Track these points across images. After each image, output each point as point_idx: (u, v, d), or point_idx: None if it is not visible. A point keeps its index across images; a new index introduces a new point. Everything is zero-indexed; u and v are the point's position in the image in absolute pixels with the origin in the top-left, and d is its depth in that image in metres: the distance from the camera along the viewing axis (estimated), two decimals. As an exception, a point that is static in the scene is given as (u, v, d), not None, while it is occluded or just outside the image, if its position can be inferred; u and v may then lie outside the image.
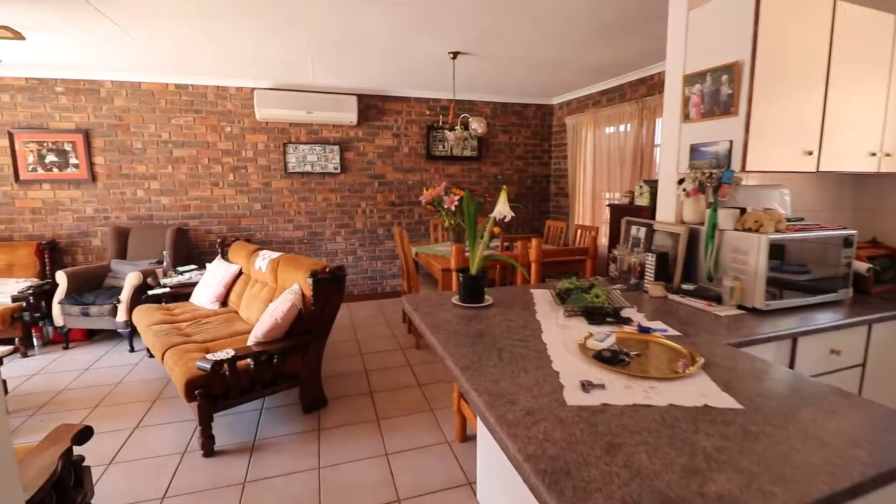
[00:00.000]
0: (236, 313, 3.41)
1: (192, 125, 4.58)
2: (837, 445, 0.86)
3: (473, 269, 1.75)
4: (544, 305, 1.75)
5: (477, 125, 3.92)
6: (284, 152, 4.87)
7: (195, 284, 3.80)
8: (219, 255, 4.08)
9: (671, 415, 0.95)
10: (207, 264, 3.95)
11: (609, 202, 4.60)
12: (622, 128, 4.46)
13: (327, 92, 4.81)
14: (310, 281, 2.64)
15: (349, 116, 4.83)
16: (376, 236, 5.36)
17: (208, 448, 2.35)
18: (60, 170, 4.29)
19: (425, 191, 3.52)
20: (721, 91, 1.80)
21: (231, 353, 2.35)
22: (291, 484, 2.14)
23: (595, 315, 1.55)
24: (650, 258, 1.98)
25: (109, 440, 2.49)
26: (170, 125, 4.52)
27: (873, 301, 1.86)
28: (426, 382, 3.17)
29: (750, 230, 1.74)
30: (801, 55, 1.78)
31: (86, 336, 4.06)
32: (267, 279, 3.25)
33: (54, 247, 4.31)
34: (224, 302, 3.65)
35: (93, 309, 3.74)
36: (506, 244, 3.67)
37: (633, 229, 2.26)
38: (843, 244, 1.86)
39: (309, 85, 4.77)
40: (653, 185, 3.20)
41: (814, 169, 1.90)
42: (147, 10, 2.70)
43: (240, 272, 3.72)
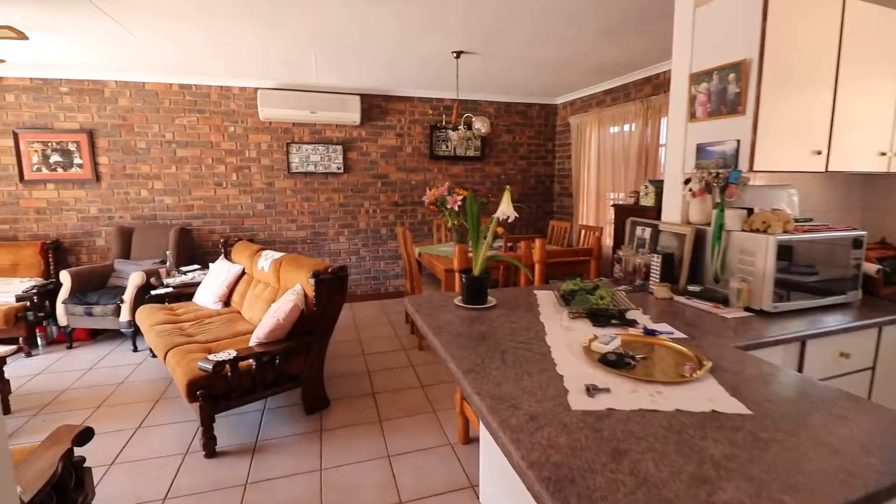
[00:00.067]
0: (239, 313, 3.41)
1: (196, 125, 4.59)
2: (850, 452, 0.84)
3: (476, 270, 1.73)
4: (548, 307, 1.73)
5: (480, 125, 3.90)
6: (288, 152, 4.87)
7: (198, 284, 3.80)
8: (222, 255, 4.08)
9: (678, 420, 0.93)
10: (210, 264, 3.95)
11: (613, 202, 4.58)
12: (627, 127, 4.43)
13: (331, 92, 4.80)
14: (312, 281, 2.63)
15: (352, 116, 4.82)
16: (379, 236, 5.35)
17: (210, 449, 2.35)
18: (65, 170, 4.30)
19: (428, 191, 3.51)
20: (728, 90, 1.77)
21: (233, 354, 2.34)
22: (293, 485, 2.12)
23: (600, 317, 1.53)
24: (655, 259, 1.96)
25: (112, 440, 2.49)
26: (173, 125, 4.53)
27: (883, 303, 1.83)
28: (429, 383, 3.15)
29: (757, 231, 1.72)
30: (810, 53, 1.76)
31: (89, 336, 4.07)
32: (269, 279, 3.25)
33: (58, 246, 4.32)
34: (227, 302, 3.65)
35: (96, 309, 3.75)
36: (509, 244, 3.65)
37: (638, 230, 2.24)
38: (853, 245, 1.83)
39: (312, 85, 4.77)
40: (658, 186, 3.18)
41: (822, 169, 1.87)
42: (149, 9, 2.70)
43: (242, 272, 3.72)
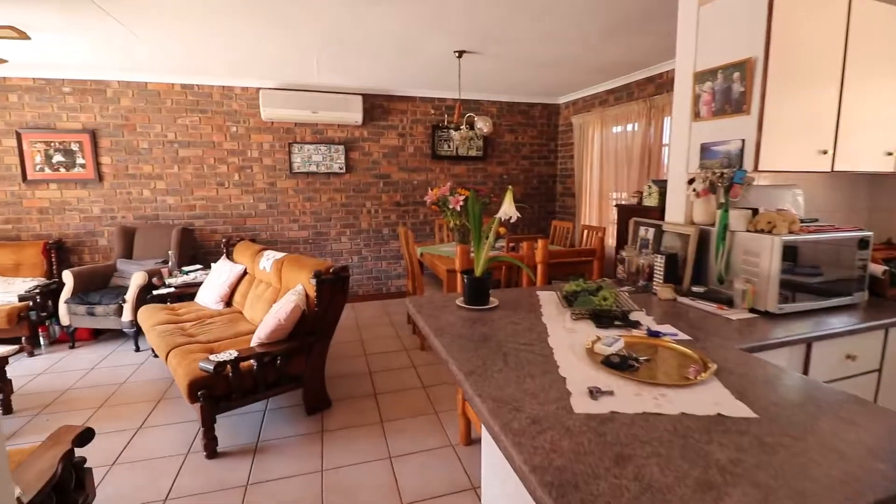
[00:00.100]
0: (241, 313, 3.41)
1: (198, 125, 4.59)
2: (858, 458, 0.82)
3: (478, 271, 1.72)
4: (550, 308, 1.71)
5: (482, 124, 3.89)
6: (289, 152, 4.87)
7: (200, 284, 3.80)
8: (224, 256, 4.08)
9: (683, 424, 0.91)
10: (212, 264, 3.95)
11: (616, 202, 4.55)
12: (630, 127, 4.41)
13: (332, 92, 4.79)
14: (313, 281, 2.62)
15: (354, 116, 4.81)
16: (381, 236, 5.34)
17: (211, 449, 2.34)
18: (67, 170, 4.31)
19: (430, 191, 3.49)
20: (733, 88, 1.75)
21: (234, 355, 2.33)
22: (294, 487, 2.12)
23: (603, 318, 1.51)
24: (659, 260, 1.94)
25: (113, 441, 2.49)
26: (175, 125, 4.53)
27: (889, 304, 1.81)
28: (430, 384, 3.14)
29: (762, 231, 1.70)
30: (816, 51, 1.74)
31: (92, 335, 4.08)
32: (271, 279, 3.24)
33: (61, 246, 4.33)
34: (228, 302, 3.65)
35: (98, 308, 3.75)
36: (511, 245, 3.64)
37: (642, 230, 2.22)
38: (859, 246, 1.81)
39: (314, 85, 4.76)
40: (662, 186, 3.16)
41: (828, 169, 1.85)
42: (150, 9, 2.70)
43: (244, 272, 3.72)
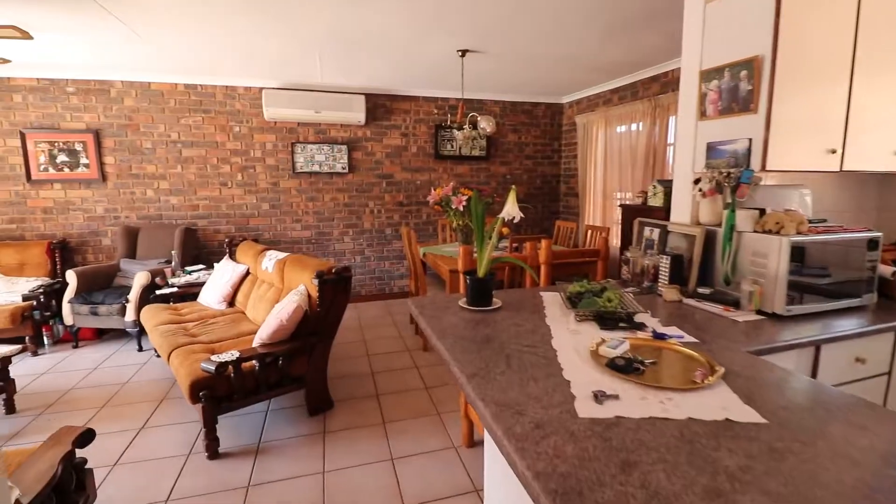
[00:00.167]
0: (243, 314, 3.40)
1: (201, 125, 4.59)
2: (870, 464, 0.80)
3: (481, 272, 1.70)
4: (554, 309, 1.69)
5: (486, 124, 3.87)
6: (292, 152, 4.86)
7: (203, 284, 3.80)
8: (226, 255, 4.08)
9: (690, 429, 0.89)
10: (215, 264, 3.95)
11: (620, 202, 4.52)
12: (634, 126, 4.38)
13: (335, 91, 4.79)
14: (315, 282, 2.61)
15: (357, 116, 4.80)
16: (384, 236, 5.33)
17: (213, 450, 2.33)
18: (71, 169, 4.32)
19: (433, 191, 3.48)
20: (740, 87, 1.73)
21: (236, 355, 2.32)
22: (295, 488, 2.10)
23: (607, 320, 1.49)
24: (664, 260, 1.92)
25: (115, 441, 2.49)
26: (179, 125, 4.53)
27: (900, 306, 1.78)
28: (433, 385, 3.12)
29: (770, 232, 1.67)
30: (825, 48, 1.71)
31: (95, 335, 4.09)
32: (273, 280, 3.23)
33: (65, 246, 4.34)
34: (231, 302, 3.65)
35: (102, 308, 3.76)
36: (514, 245, 3.62)
37: (647, 230, 2.20)
38: (868, 247, 1.78)
39: (317, 84, 4.76)
40: (667, 186, 3.13)
41: (837, 168, 1.82)
42: (153, 9, 2.69)
43: (247, 272, 3.71)
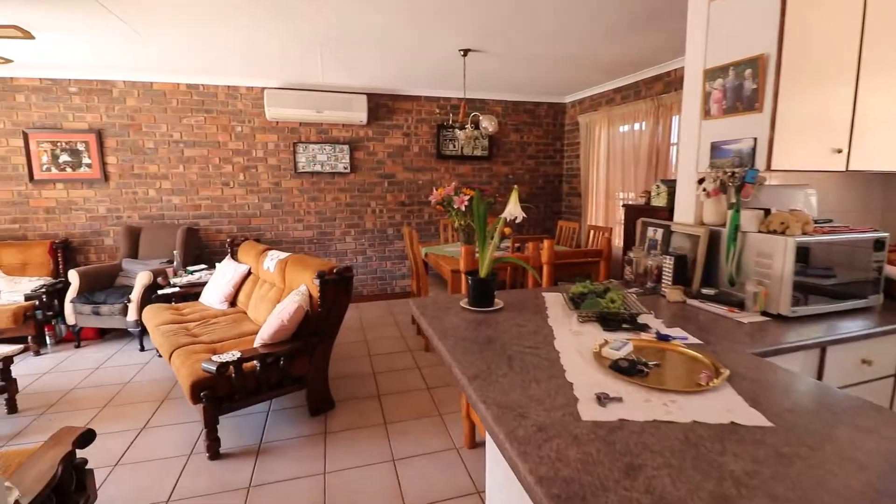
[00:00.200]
0: (245, 314, 3.40)
1: (203, 125, 4.59)
2: (878, 469, 0.78)
3: (483, 272, 1.69)
4: (556, 310, 1.68)
5: (488, 123, 3.86)
6: (294, 152, 4.86)
7: (205, 284, 3.80)
8: (228, 255, 4.08)
9: (695, 433, 0.88)
10: (217, 264, 3.95)
11: (623, 202, 4.50)
12: (637, 126, 4.36)
13: (337, 91, 4.78)
14: (317, 282, 2.60)
15: (359, 116, 4.80)
16: (386, 236, 5.32)
17: (214, 451, 2.33)
18: (74, 169, 4.33)
19: (435, 191, 3.46)
20: (745, 86, 1.71)
21: (237, 355, 2.32)
22: (296, 489, 2.10)
23: (610, 321, 1.48)
24: (668, 261, 1.90)
25: (116, 441, 2.48)
26: (181, 125, 4.53)
27: (906, 308, 1.76)
28: (435, 386, 3.11)
29: (775, 232, 1.66)
30: (831, 46, 1.69)
31: (97, 335, 4.09)
32: (275, 280, 3.23)
33: (67, 246, 4.35)
34: (233, 302, 3.64)
35: (104, 308, 3.76)
36: (517, 245, 3.60)
37: (650, 231, 2.18)
38: (874, 247, 1.76)
39: (319, 84, 4.75)
40: (670, 185, 3.11)
41: (843, 168, 1.80)
42: (154, 8, 2.69)
43: (249, 272, 3.71)
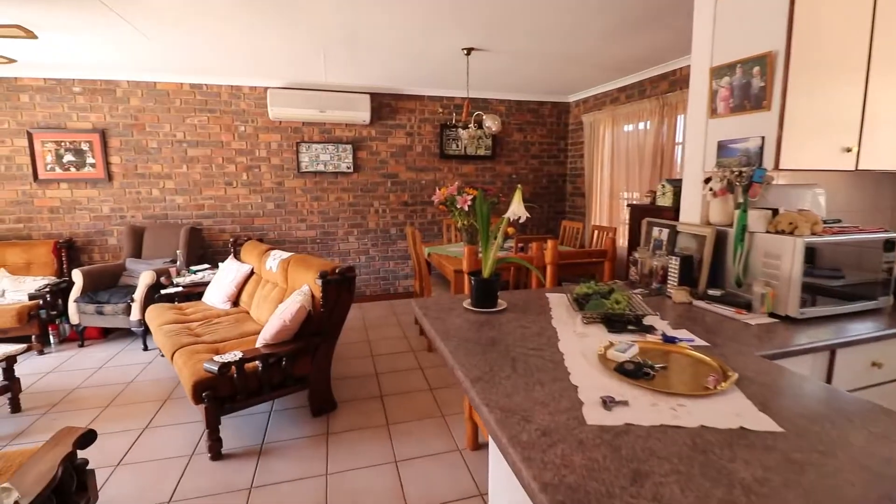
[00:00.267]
0: (247, 313, 3.39)
1: (207, 125, 4.59)
2: (893, 477, 0.76)
3: (486, 272, 1.67)
4: (560, 311, 1.66)
5: (491, 123, 3.84)
6: (297, 151, 4.85)
7: (208, 284, 3.80)
8: (231, 255, 4.08)
9: (703, 438, 0.85)
10: (220, 264, 3.94)
11: (628, 202, 4.47)
12: (641, 125, 4.33)
13: (340, 91, 4.77)
14: (319, 282, 2.59)
15: (362, 115, 4.78)
16: (389, 236, 5.31)
17: (215, 451, 2.32)
18: (78, 169, 4.34)
19: (438, 190, 3.45)
20: (752, 83, 1.68)
21: (239, 356, 2.31)
22: (298, 490, 2.08)
23: (615, 322, 1.46)
24: (673, 261, 1.88)
25: (118, 441, 2.48)
26: (184, 125, 4.54)
27: (918, 309, 1.73)
28: (437, 386, 3.09)
29: (783, 233, 1.63)
30: (840, 44, 1.66)
31: (101, 334, 4.10)
32: (278, 279, 3.22)
33: (71, 245, 4.36)
34: (236, 302, 3.64)
35: (107, 307, 3.76)
36: (520, 245, 3.58)
37: (655, 231, 2.15)
38: (884, 248, 1.73)
39: (322, 84, 4.74)
40: (676, 185, 3.08)
41: (852, 167, 1.77)
42: (157, 8, 2.68)
43: (251, 272, 3.70)
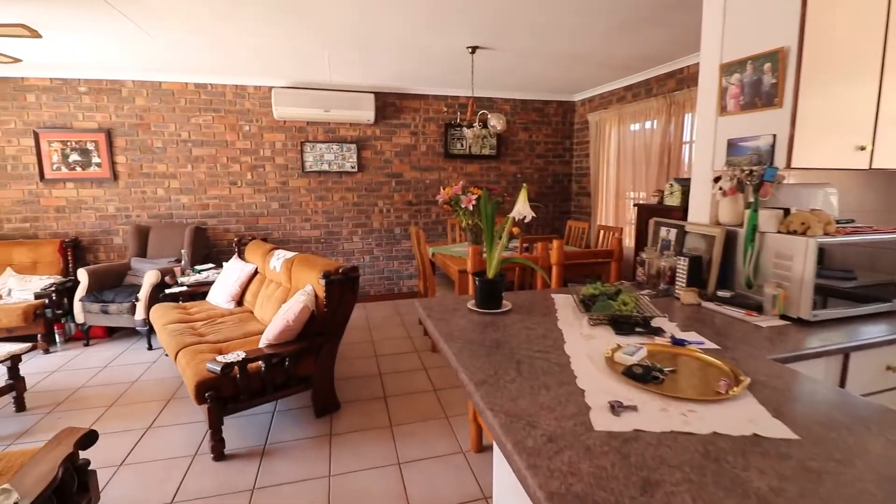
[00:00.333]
0: (251, 313, 3.39)
1: (211, 124, 4.59)
2: (915, 487, 0.73)
3: (491, 273, 1.64)
4: (566, 312, 1.63)
5: (496, 122, 3.81)
6: (302, 151, 4.84)
7: (212, 283, 3.79)
8: (235, 255, 4.07)
9: (716, 445, 0.83)
10: (224, 263, 3.94)
11: (634, 202, 4.43)
12: (648, 124, 4.28)
13: (345, 90, 4.76)
14: (322, 282, 2.57)
15: (366, 115, 4.77)
16: (393, 236, 5.29)
17: (218, 451, 2.31)
18: (83, 169, 4.35)
19: (442, 190, 3.42)
20: (763, 81, 1.65)
21: (242, 356, 2.30)
22: (300, 492, 2.07)
23: (623, 324, 1.42)
24: (682, 262, 1.84)
25: (121, 441, 2.47)
26: (189, 124, 4.54)
27: (934, 312, 1.68)
28: (441, 387, 3.07)
29: (795, 233, 1.59)
30: (854, 39, 1.62)
31: (106, 333, 4.11)
32: (281, 279, 3.21)
33: (77, 244, 4.37)
34: (240, 301, 3.63)
35: (112, 307, 3.77)
36: (525, 245, 3.55)
37: (663, 231, 2.12)
38: (900, 249, 1.69)
39: (326, 83, 4.73)
40: (684, 184, 3.04)
41: (866, 166, 1.73)
42: (161, 7, 2.68)
43: (255, 271, 3.70)
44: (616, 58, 3.84)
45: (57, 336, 3.90)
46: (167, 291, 3.75)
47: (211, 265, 4.18)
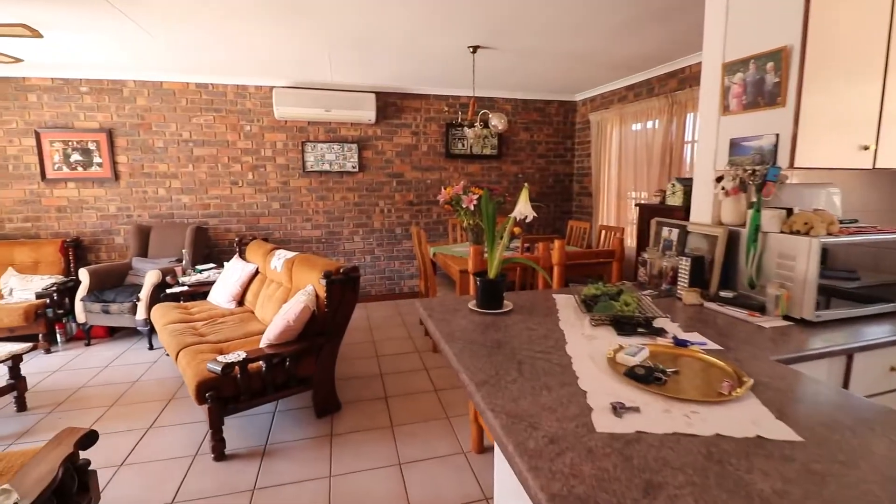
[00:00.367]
0: (252, 313, 3.38)
1: (213, 124, 4.60)
2: (921, 490, 0.72)
3: (492, 273, 1.64)
4: (568, 312, 1.62)
5: (497, 121, 3.80)
6: (303, 151, 4.84)
7: (213, 283, 3.79)
8: (236, 254, 4.07)
9: (719, 447, 0.82)
10: (225, 263, 3.94)
11: (636, 202, 4.42)
12: (650, 124, 4.27)
13: (346, 90, 4.76)
14: (323, 282, 2.57)
15: (367, 114, 4.76)
16: (394, 236, 5.29)
17: (219, 451, 2.30)
18: (85, 168, 4.35)
19: (444, 190, 3.42)
20: (766, 79, 1.64)
21: (242, 356, 2.29)
22: (301, 492, 2.06)
23: (625, 325, 1.42)
24: (684, 262, 1.83)
25: (122, 441, 2.47)
26: (190, 124, 4.54)
27: (938, 313, 1.67)
28: (442, 388, 3.07)
29: (798, 233, 1.58)
30: (857, 38, 1.61)
31: (107, 333, 4.11)
32: (282, 279, 3.21)
33: (78, 244, 4.38)
34: (241, 301, 3.63)
35: (113, 307, 3.77)
36: (526, 245, 3.54)
37: (665, 231, 2.11)
38: (903, 249, 1.68)
39: (327, 83, 4.73)
40: (686, 184, 3.03)
41: (870, 165, 1.72)
42: (162, 6, 2.68)
43: (256, 271, 3.70)
44: (617, 57, 3.83)
45: (58, 336, 3.90)
46: (168, 291, 3.75)
47: (212, 265, 4.18)
